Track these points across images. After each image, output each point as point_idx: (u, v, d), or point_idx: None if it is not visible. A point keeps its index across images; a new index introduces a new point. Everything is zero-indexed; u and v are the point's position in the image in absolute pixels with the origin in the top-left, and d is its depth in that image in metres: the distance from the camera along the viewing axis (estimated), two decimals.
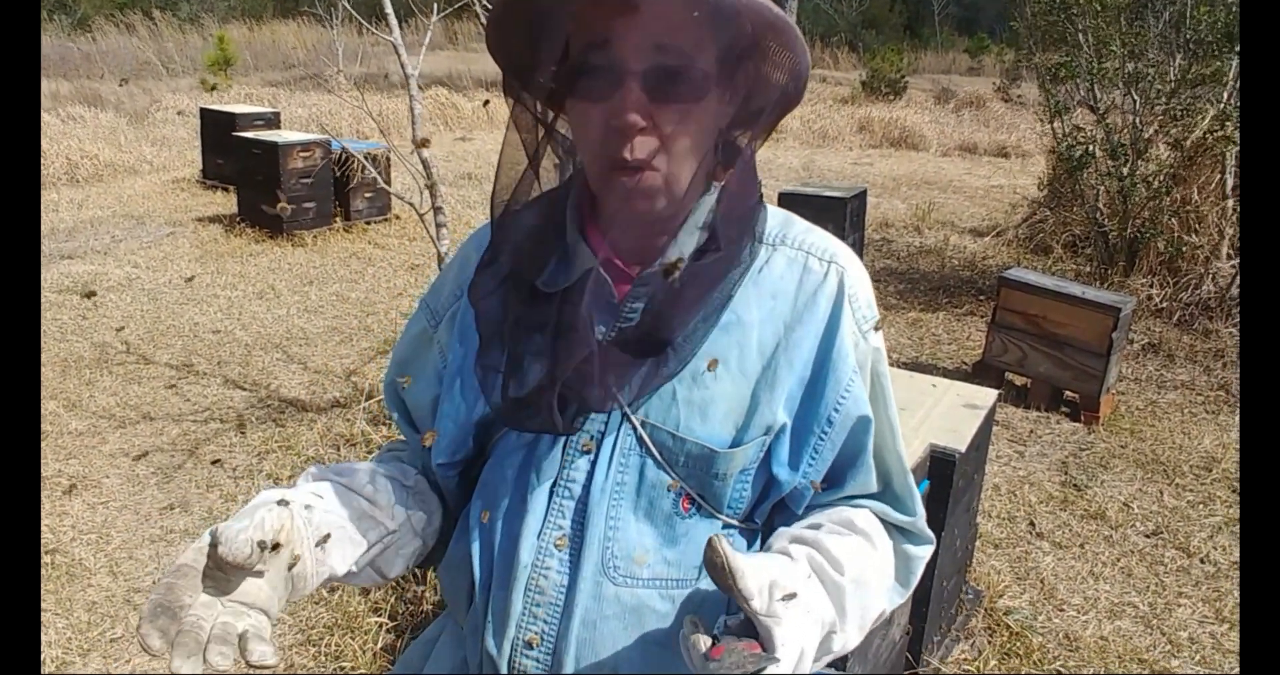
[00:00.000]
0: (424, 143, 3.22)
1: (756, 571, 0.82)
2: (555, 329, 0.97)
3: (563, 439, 1.00)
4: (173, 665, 0.77)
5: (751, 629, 0.83)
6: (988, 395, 2.67)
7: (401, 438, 1.22)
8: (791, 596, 0.84)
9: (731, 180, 1.00)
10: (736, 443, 0.99)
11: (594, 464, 0.99)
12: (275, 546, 0.85)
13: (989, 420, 2.61)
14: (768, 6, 0.88)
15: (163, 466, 3.80)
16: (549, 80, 0.98)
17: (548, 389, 0.96)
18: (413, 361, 1.14)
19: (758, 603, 0.81)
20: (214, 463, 3.78)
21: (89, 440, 4.00)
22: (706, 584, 0.97)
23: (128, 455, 3.87)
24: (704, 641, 0.82)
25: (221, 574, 0.83)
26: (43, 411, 4.20)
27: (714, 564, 0.82)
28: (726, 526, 1.02)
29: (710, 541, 0.82)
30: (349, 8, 4.34)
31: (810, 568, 0.91)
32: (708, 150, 0.96)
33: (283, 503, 0.90)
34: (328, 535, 0.93)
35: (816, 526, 1.01)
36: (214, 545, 0.81)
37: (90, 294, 5.64)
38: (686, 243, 0.99)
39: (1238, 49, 5.36)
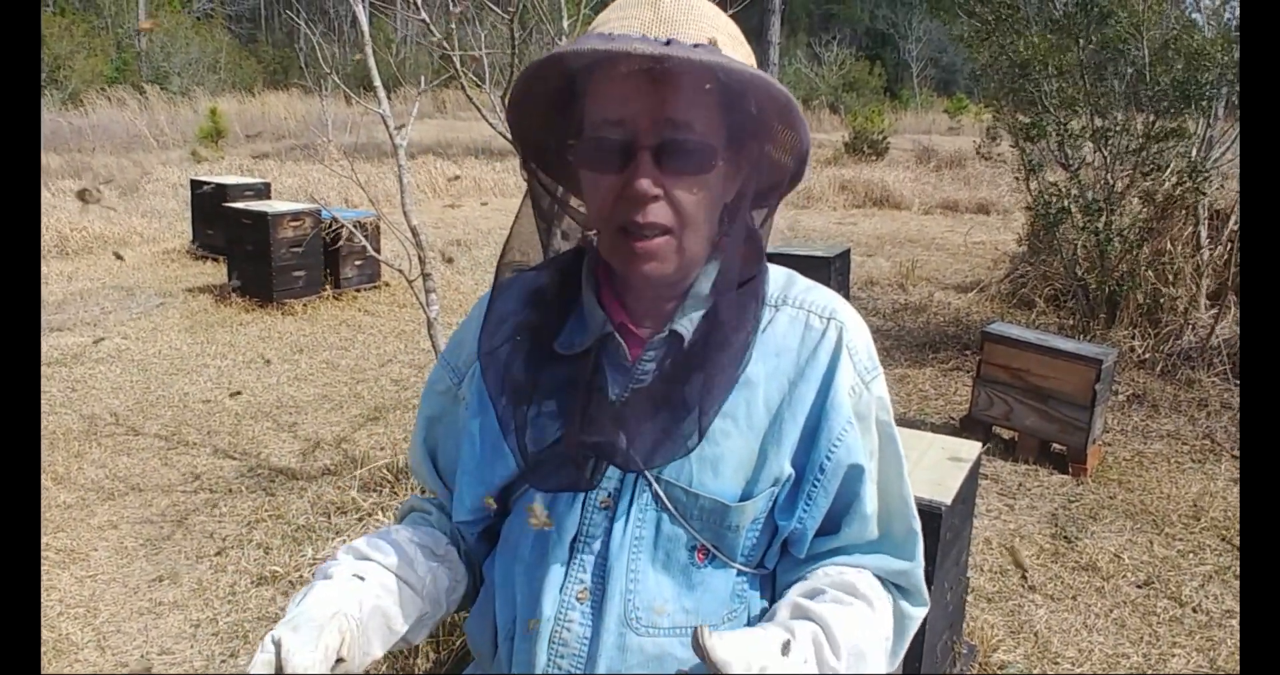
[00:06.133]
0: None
1: (744, 662, 0.85)
2: (574, 390, 1.03)
3: (581, 495, 1.05)
4: None
5: None
6: (972, 448, 2.70)
7: (424, 493, 1.26)
8: None
9: (736, 249, 1.04)
10: (747, 496, 1.03)
11: (612, 519, 1.04)
12: (339, 661, 0.91)
13: (974, 473, 2.64)
14: (772, 83, 0.94)
15: (151, 538, 3.78)
16: (565, 154, 1.03)
17: (569, 448, 1.01)
18: (442, 418, 1.19)
19: None
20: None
21: (77, 513, 3.98)
22: (725, 629, 1.01)
23: (116, 527, 3.86)
24: None
25: None
26: None
27: (699, 657, 0.86)
28: (740, 574, 1.07)
29: (695, 634, 0.86)
30: (338, 80, 4.45)
31: (811, 650, 0.93)
32: (715, 221, 1.03)
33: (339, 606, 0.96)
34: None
35: (820, 593, 1.03)
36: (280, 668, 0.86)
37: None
38: (694, 308, 1.04)
39: (1199, 105, 5.52)
